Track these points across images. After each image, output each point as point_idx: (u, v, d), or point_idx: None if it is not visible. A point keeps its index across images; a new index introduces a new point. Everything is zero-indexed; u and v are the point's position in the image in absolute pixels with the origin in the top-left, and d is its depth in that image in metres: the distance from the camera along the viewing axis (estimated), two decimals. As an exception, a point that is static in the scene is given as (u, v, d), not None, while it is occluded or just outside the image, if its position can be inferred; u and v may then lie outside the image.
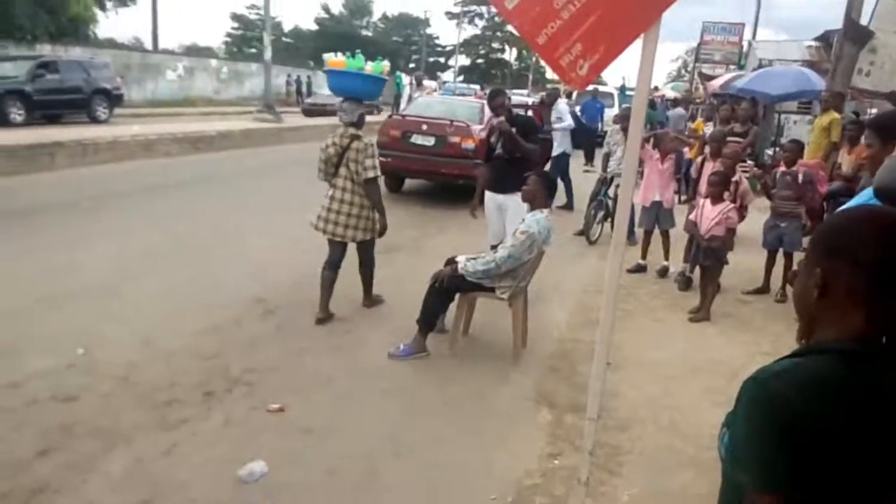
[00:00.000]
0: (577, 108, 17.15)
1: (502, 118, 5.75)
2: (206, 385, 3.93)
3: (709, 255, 5.79)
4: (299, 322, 5.02)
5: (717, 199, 5.86)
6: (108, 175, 10.59)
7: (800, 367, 1.14)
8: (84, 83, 15.65)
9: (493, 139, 5.91)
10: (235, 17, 53.10)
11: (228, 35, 54.23)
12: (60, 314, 4.85)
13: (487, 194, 5.89)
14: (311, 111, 23.82)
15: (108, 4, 28.44)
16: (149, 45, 31.02)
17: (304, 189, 10.69)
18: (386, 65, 5.30)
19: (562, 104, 10.74)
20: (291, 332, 4.86)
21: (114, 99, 16.61)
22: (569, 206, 10.36)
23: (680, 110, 13.01)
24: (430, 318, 4.57)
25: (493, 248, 5.24)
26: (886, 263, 1.12)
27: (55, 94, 14.91)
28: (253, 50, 46.05)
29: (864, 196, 2.52)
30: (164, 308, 5.10)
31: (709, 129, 9.72)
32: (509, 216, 5.62)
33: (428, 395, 4.08)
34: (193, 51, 42.33)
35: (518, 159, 5.67)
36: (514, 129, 5.71)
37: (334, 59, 5.22)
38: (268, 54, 19.43)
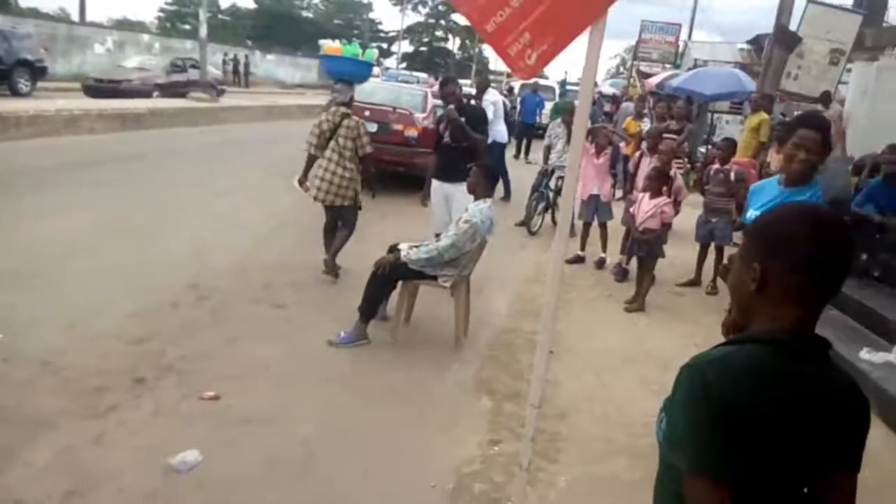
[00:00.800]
0: (518, 101, 17.29)
1: (451, 106, 5.66)
2: (135, 371, 3.78)
3: (643, 247, 5.95)
4: (236, 307, 4.90)
5: (654, 193, 6.01)
6: (31, 150, 10.04)
7: (734, 355, 1.18)
8: (4, 53, 14.78)
9: (441, 127, 5.82)
10: (169, -9, 51.06)
11: (161, 10, 52.09)
12: (-21, 296, 4.57)
13: (434, 183, 5.85)
14: (98, 89, 16.66)
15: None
16: (76, 16, 29.58)
17: (237, 170, 10.48)
18: (375, 52, 6.07)
19: (491, 94, 10.69)
20: (227, 317, 4.73)
21: (37, 71, 15.75)
22: (506, 196, 10.44)
23: (629, 106, 13.25)
24: (371, 305, 4.53)
25: (437, 236, 5.21)
26: (820, 263, 1.18)
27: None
28: (187, 27, 44.45)
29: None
30: (91, 291, 4.88)
31: (646, 125, 9.95)
32: (455, 205, 5.55)
33: (368, 383, 4.05)
34: (124, 25, 40.59)
35: (466, 149, 5.61)
36: (463, 119, 5.63)
37: (331, 45, 6.06)
38: (203, 31, 18.77)
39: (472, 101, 12.86)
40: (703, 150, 13.85)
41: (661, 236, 6.04)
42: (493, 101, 10.29)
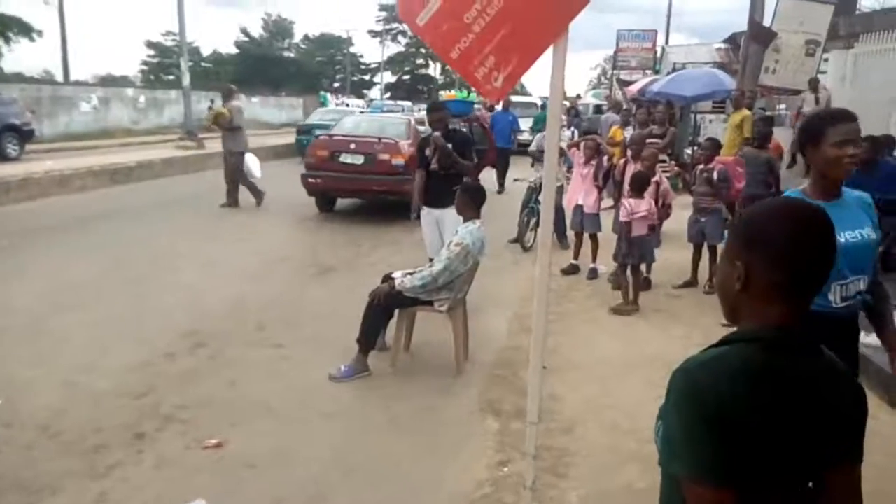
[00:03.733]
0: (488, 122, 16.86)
1: (438, 133, 5.71)
2: (136, 426, 3.75)
3: (634, 252, 5.99)
4: (233, 351, 4.88)
5: (637, 196, 6.07)
6: (23, 213, 10.07)
7: (725, 357, 1.17)
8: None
9: (427, 151, 5.84)
10: (151, 44, 51.67)
11: (144, 63, 52.72)
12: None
13: (424, 209, 5.92)
14: None
15: (10, 35, 27.25)
16: (60, 77, 29.88)
17: (227, 214, 10.51)
18: (475, 95, 8.38)
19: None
20: (225, 362, 4.71)
21: (24, 135, 15.80)
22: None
23: (612, 115, 13.32)
24: (370, 336, 4.52)
25: (431, 261, 5.23)
26: (803, 258, 1.16)
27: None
28: (171, 77, 44.89)
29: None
30: (88, 346, 4.86)
31: (628, 133, 10.02)
32: (446, 229, 5.61)
33: (373, 415, 4.02)
34: (108, 81, 41.01)
35: (453, 174, 5.68)
36: (450, 146, 5.70)
37: (449, 94, 9.63)
38: (186, 80, 18.94)
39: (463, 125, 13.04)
40: (689, 151, 13.92)
41: (650, 240, 6.06)
42: None
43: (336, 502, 3.14)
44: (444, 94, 12.33)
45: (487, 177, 12.12)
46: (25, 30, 30.29)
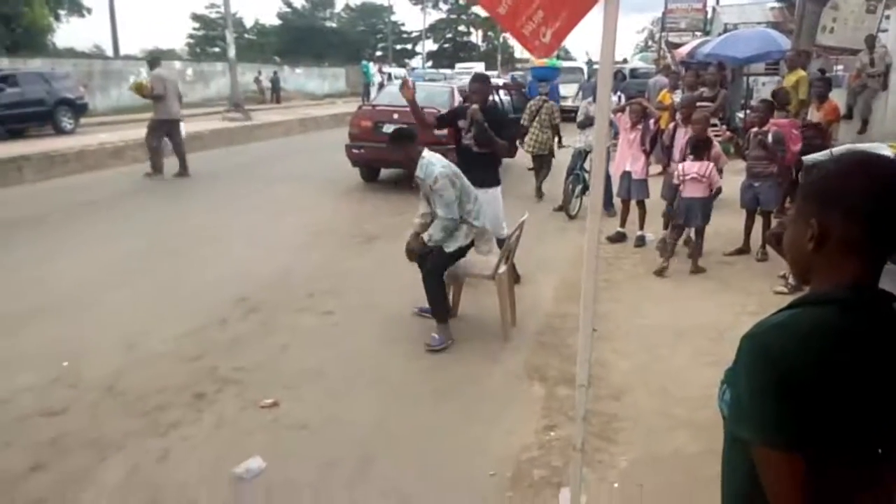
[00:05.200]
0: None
1: (476, 106, 5.22)
2: (194, 387, 3.89)
3: (693, 213, 5.94)
4: (283, 318, 4.99)
5: (697, 158, 5.99)
6: (79, 185, 10.41)
7: (797, 319, 1.14)
8: (46, 95, 15.30)
9: (462, 124, 5.41)
10: (196, 17, 52.18)
11: (190, 36, 53.33)
12: (42, 327, 4.76)
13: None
14: None
15: (62, 14, 27.89)
16: (110, 52, 30.52)
17: (275, 189, 10.66)
18: (558, 62, 10.09)
19: None
20: (276, 328, 4.82)
21: (78, 108, 16.26)
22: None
23: (661, 79, 12.94)
24: (440, 306, 4.53)
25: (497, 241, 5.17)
26: (881, 213, 1.11)
27: (17, 108, 14.56)
28: (216, 49, 45.38)
29: None
30: (145, 313, 5.03)
31: (677, 97, 9.74)
32: (498, 205, 5.47)
33: (420, 381, 4.08)
34: (156, 54, 41.62)
35: (488, 155, 5.35)
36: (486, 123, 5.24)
37: (540, 61, 9.25)
38: (231, 52, 19.14)
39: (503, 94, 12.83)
40: (740, 115, 13.49)
41: (709, 202, 5.98)
42: None
43: (384, 465, 3.20)
44: (536, 61, 12.07)
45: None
46: (76, 6, 30.98)
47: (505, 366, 4.27)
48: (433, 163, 4.38)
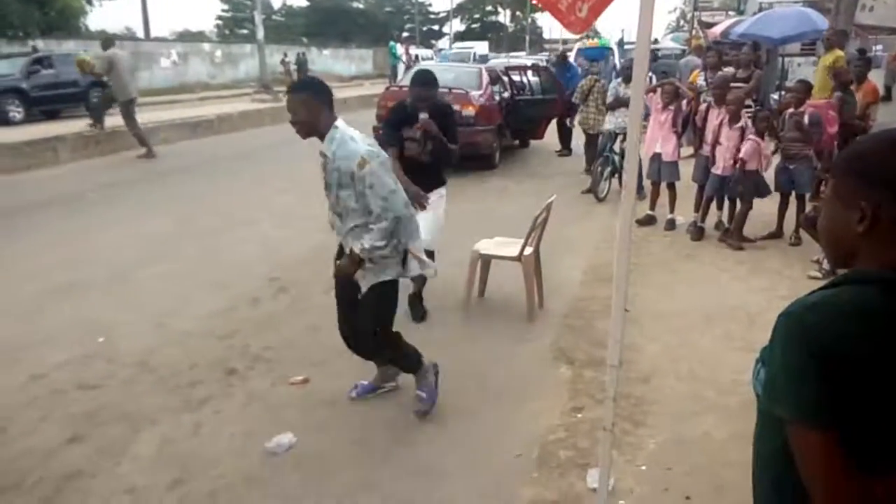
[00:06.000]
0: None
1: (425, 115, 4.27)
2: (225, 364, 3.96)
3: (748, 184, 6.12)
4: (312, 298, 5.03)
5: (763, 135, 6.15)
6: (111, 165, 10.58)
7: (836, 297, 1.11)
8: (80, 76, 15.54)
9: (410, 133, 4.39)
10: (224, -1, 52.41)
11: (219, 18, 53.58)
12: (78, 304, 4.87)
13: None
14: None
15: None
16: (140, 33, 30.80)
17: (304, 168, 10.69)
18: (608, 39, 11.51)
19: None
20: (306, 307, 4.87)
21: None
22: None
23: (693, 59, 12.68)
24: (403, 359, 3.51)
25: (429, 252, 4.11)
26: None
27: (51, 90, 14.82)
28: (245, 31, 45.53)
29: None
30: (178, 292, 5.12)
31: (700, 79, 9.53)
32: (430, 215, 4.47)
33: (445, 359, 4.08)
34: (186, 36, 41.94)
35: (434, 161, 4.52)
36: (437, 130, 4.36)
37: (591, 41, 11.11)
38: (260, 34, 19.21)
39: (530, 74, 12.68)
40: (775, 96, 13.19)
41: (761, 175, 6.14)
42: None
43: (413, 443, 3.24)
44: (587, 42, 14.26)
45: (550, 138, 11.90)
46: (108, -12, 31.28)
47: (531, 347, 4.27)
48: (355, 139, 3.04)
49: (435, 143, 4.37)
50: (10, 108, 13.72)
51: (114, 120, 11.81)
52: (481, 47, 36.74)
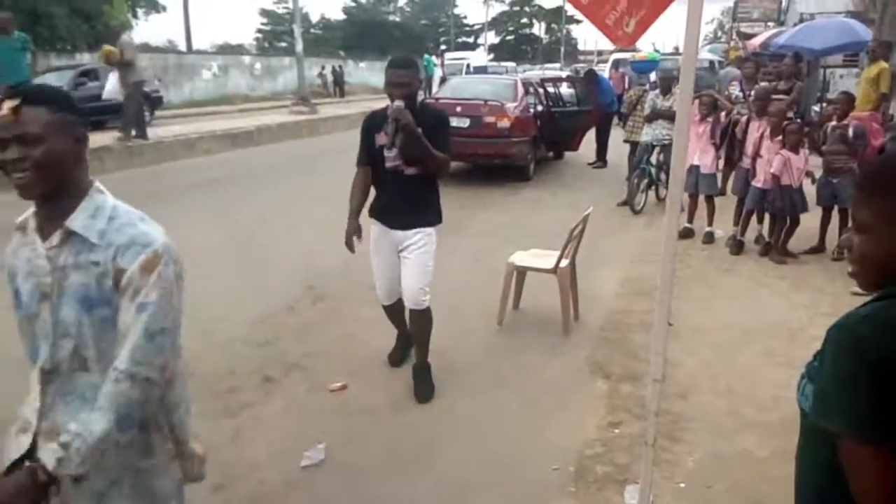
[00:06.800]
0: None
1: (400, 103, 3.35)
2: (264, 371, 4.03)
3: (796, 200, 6.07)
4: (348, 307, 5.08)
5: (796, 149, 5.98)
6: (155, 175, 10.84)
7: (888, 310, 1.10)
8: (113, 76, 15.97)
9: (381, 138, 3.55)
10: (264, 12, 53.53)
11: (258, 31, 54.74)
12: (121, 311, 5.00)
13: (375, 228, 3.83)
14: None
15: (139, 11, 29.02)
16: (183, 46, 31.64)
17: (341, 180, 10.83)
18: (657, 53, 12.16)
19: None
20: (342, 316, 4.92)
21: (154, 101, 16.90)
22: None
23: (732, 70, 12.55)
24: None
25: (389, 307, 3.93)
26: None
27: (97, 101, 15.28)
28: (283, 44, 46.43)
29: None
30: (219, 299, 5.20)
31: (735, 90, 9.40)
32: (412, 261, 3.63)
33: (480, 370, 4.11)
34: (226, 49, 42.89)
35: (420, 178, 3.56)
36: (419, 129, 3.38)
37: (641, 54, 11.39)
38: (299, 47, 19.51)
39: (566, 86, 12.66)
40: (816, 108, 12.95)
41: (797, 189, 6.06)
42: None
43: (446, 451, 3.25)
44: (637, 55, 14.85)
45: (586, 147, 11.85)
46: (152, 4, 32.17)
47: (567, 359, 4.25)
48: (145, 220, 1.70)
49: (407, 137, 3.34)
50: (59, 119, 14.16)
51: (154, 131, 12.14)
52: (476, 57, 36.82)
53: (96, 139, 11.99)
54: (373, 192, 3.80)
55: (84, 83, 15.22)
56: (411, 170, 3.50)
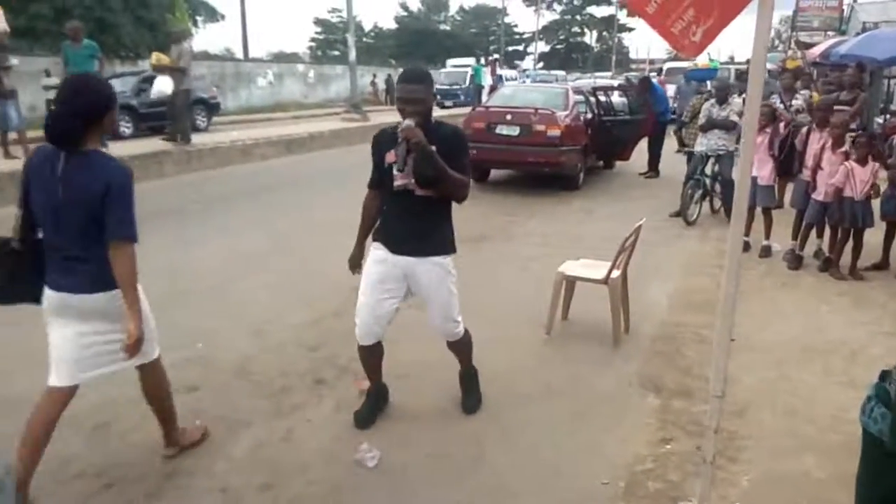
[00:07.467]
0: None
1: (411, 122, 3.05)
2: (315, 373, 4.09)
3: (864, 213, 5.85)
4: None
5: (863, 161, 5.79)
6: (212, 179, 11.15)
7: None
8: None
9: (391, 158, 3.23)
10: (318, 21, 54.63)
11: (313, 40, 55.84)
12: (178, 311, 5.12)
13: (378, 252, 3.60)
14: None
15: (199, 20, 29.90)
16: (240, 54, 32.47)
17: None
18: (717, 61, 13.14)
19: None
20: (391, 322, 4.94)
21: (211, 108, 17.40)
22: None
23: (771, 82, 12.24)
24: None
25: (364, 349, 3.58)
26: None
27: (158, 107, 15.77)
28: (336, 52, 47.26)
29: None
30: (268, 305, 5.31)
31: (774, 100, 9.11)
32: (433, 300, 3.51)
33: (528, 380, 4.08)
34: (281, 57, 43.93)
35: (433, 202, 3.29)
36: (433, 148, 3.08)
37: (702, 62, 12.40)
38: (352, 55, 19.81)
39: (618, 94, 12.55)
40: (879, 120, 12.49)
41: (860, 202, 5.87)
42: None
43: (494, 461, 3.23)
44: (698, 63, 15.35)
45: (638, 157, 11.68)
46: (211, 13, 33.19)
47: (617, 372, 4.19)
48: None
49: (420, 156, 3.06)
50: (122, 123, 14.69)
51: (212, 137, 12.48)
52: (524, 65, 36.60)
53: (157, 143, 12.43)
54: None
55: (146, 89, 15.70)
56: (422, 191, 3.21)
